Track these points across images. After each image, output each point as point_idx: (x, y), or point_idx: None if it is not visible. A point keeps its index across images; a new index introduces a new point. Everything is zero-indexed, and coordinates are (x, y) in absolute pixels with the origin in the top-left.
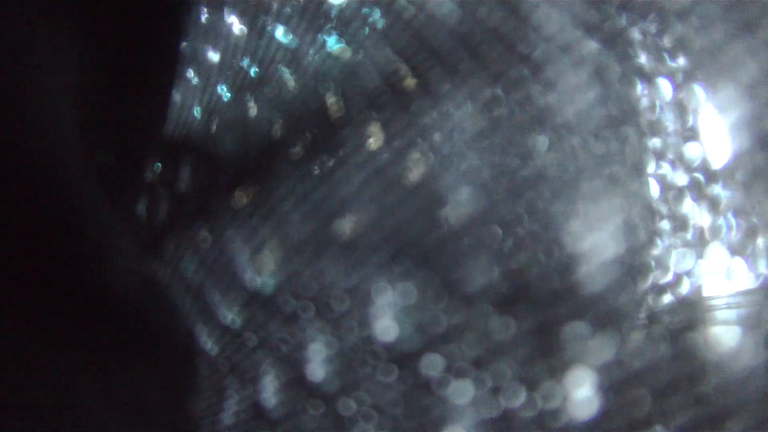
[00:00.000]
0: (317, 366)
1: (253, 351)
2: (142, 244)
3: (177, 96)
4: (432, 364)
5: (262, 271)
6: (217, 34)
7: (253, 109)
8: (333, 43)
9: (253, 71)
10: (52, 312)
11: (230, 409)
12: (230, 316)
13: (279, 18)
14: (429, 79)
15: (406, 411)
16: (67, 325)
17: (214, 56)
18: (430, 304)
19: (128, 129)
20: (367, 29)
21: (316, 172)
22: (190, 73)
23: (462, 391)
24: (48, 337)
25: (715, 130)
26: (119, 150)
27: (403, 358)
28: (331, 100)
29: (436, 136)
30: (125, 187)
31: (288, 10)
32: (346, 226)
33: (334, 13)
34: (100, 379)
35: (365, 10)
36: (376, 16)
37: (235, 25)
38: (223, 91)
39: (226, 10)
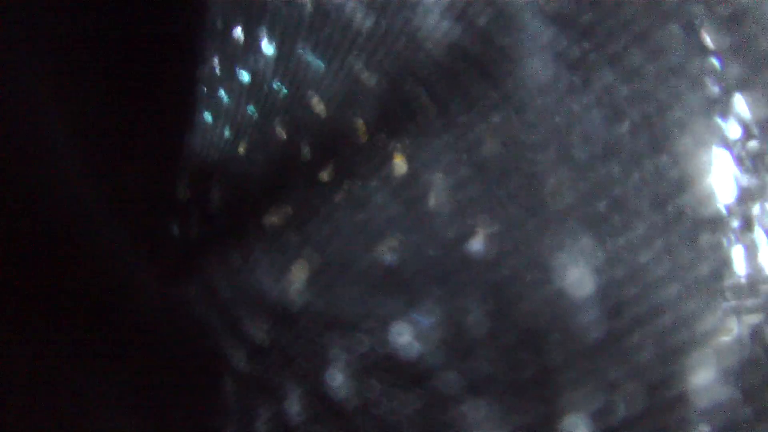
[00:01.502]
0: (340, 383)
1: (281, 368)
2: (172, 264)
3: (207, 116)
4: (450, 382)
5: (290, 291)
6: (248, 54)
7: (281, 131)
8: (358, 67)
9: (282, 94)
10: (82, 335)
11: (258, 427)
12: (260, 334)
13: (309, 41)
14: (447, 102)
15: (424, 427)
16: (97, 349)
17: (245, 77)
18: (452, 327)
19: (158, 150)
20: (389, 55)
21: (343, 194)
22: (221, 93)
23: (479, 409)
24: (77, 359)
25: None
26: (149, 172)
27: (423, 375)
28: (357, 123)
29: (454, 158)
30: (155, 208)
31: (317, 34)
32: (373, 248)
33: (360, 39)
34: (128, 400)
35: (389, 37)
36: (400, 43)
37: (266, 46)
38: (253, 112)
39: (258, 31)
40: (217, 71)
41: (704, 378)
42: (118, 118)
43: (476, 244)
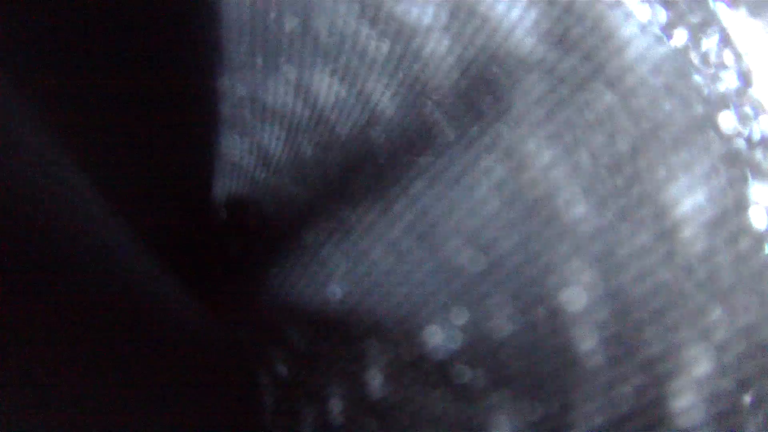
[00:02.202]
0: (379, 383)
1: (323, 373)
2: (214, 282)
3: (237, 138)
4: (476, 379)
5: (330, 302)
6: (269, 80)
7: (307, 151)
8: (378, 92)
9: (306, 115)
10: (121, 356)
11: (303, 428)
12: (302, 342)
13: (326, 67)
14: (462, 125)
15: (453, 421)
16: (134, 369)
17: (268, 98)
18: (476, 330)
19: (192, 175)
20: (406, 78)
21: (371, 210)
22: (247, 115)
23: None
24: (116, 378)
25: None
26: (187, 197)
27: (451, 374)
28: (378, 142)
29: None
30: (195, 231)
31: (338, 59)
32: (403, 260)
33: (379, 62)
34: (169, 410)
35: (406, 61)
36: (416, 66)
37: (290, 70)
38: (278, 132)
39: (277, 59)
40: (244, 95)
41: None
42: (151, 147)
43: (497, 255)
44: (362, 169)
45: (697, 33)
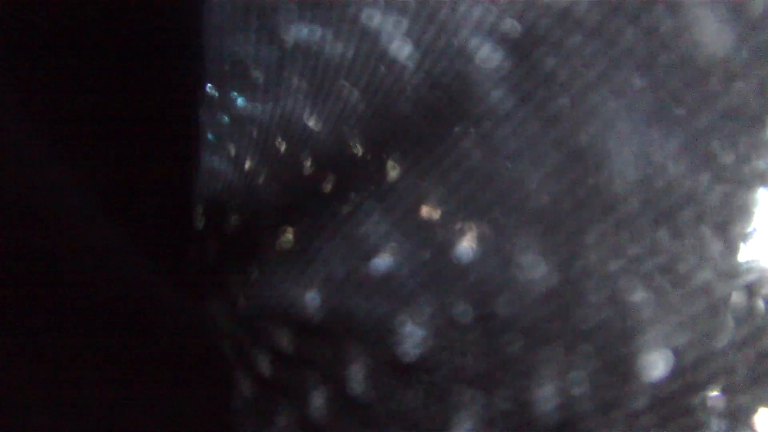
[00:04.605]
0: (358, 381)
1: (305, 373)
2: (192, 281)
3: (213, 139)
4: (445, 376)
5: (310, 303)
6: (242, 78)
7: (283, 149)
8: (347, 90)
9: (278, 112)
10: (108, 345)
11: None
12: (284, 343)
13: (294, 71)
14: (441, 118)
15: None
16: (120, 357)
17: (240, 100)
18: (444, 326)
19: (172, 175)
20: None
21: (347, 208)
22: (222, 117)
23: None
24: (103, 367)
25: None
26: (165, 196)
27: (422, 371)
28: (353, 139)
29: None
30: (174, 231)
31: (308, 59)
32: (373, 256)
33: (342, 67)
34: (148, 403)
35: (378, 59)
36: (379, 71)
37: (258, 70)
38: (252, 134)
39: (250, 57)
40: (218, 97)
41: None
42: (133, 146)
43: (464, 246)
44: (336, 168)
45: None
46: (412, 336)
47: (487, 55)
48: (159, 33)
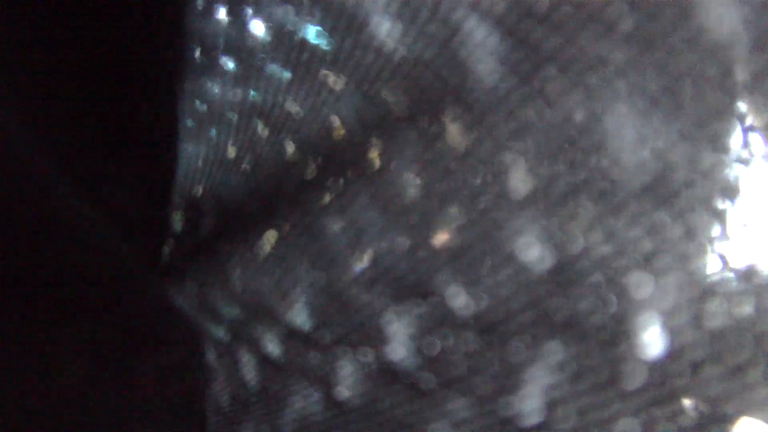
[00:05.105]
0: (349, 385)
1: (290, 376)
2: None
3: (192, 124)
4: (426, 380)
5: (289, 307)
6: (214, 71)
7: (264, 132)
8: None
9: (258, 99)
10: (85, 323)
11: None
12: (269, 346)
13: (276, 59)
14: (415, 106)
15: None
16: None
17: (215, 88)
18: (436, 329)
19: (153, 166)
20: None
21: (327, 198)
22: (198, 104)
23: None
24: (78, 344)
25: None
26: (137, 189)
27: (404, 375)
28: (334, 125)
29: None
30: (154, 222)
31: (285, 48)
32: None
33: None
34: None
35: (357, 51)
36: (366, 57)
37: (229, 64)
38: (233, 117)
39: (221, 51)
40: (197, 85)
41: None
42: (113, 136)
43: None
44: (317, 148)
45: None
46: (399, 336)
47: (483, 39)
48: (136, 23)
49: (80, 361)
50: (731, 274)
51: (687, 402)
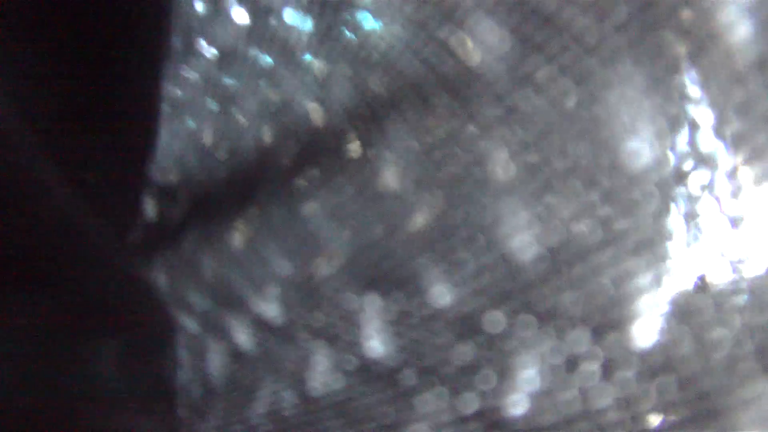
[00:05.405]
0: (323, 382)
1: (261, 370)
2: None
3: (167, 110)
4: (407, 377)
5: (261, 299)
6: (193, 57)
7: (241, 119)
8: (309, 59)
9: (234, 84)
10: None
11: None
12: (240, 338)
13: (255, 41)
14: (399, 102)
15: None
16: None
17: (193, 75)
18: (413, 320)
19: (119, 149)
20: (339, 49)
21: (303, 185)
22: (176, 91)
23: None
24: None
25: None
26: (112, 175)
27: (386, 371)
28: (313, 112)
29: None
30: (122, 211)
31: (264, 32)
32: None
33: (307, 37)
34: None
35: (337, 31)
36: (349, 37)
37: (209, 48)
38: (210, 103)
39: (200, 35)
40: (173, 68)
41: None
42: (87, 112)
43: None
44: (295, 135)
45: None
46: (377, 329)
47: (473, 26)
48: (115, 5)
49: (37, 337)
50: (725, 268)
51: (677, 395)
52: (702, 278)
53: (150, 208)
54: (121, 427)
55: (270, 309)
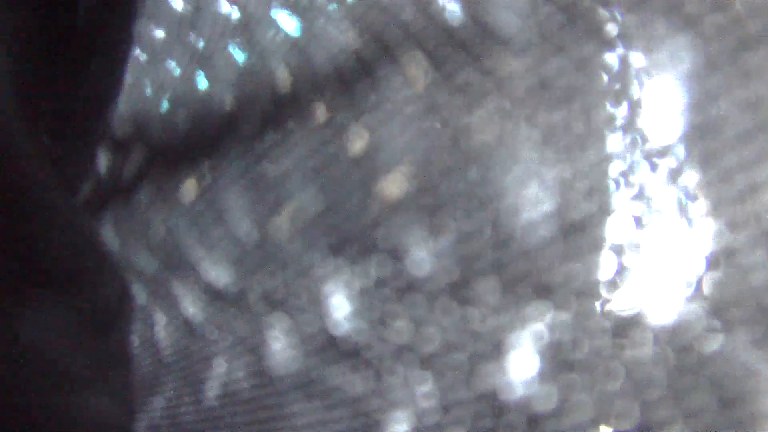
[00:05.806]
0: (283, 356)
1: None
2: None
3: (128, 75)
4: (375, 355)
5: (215, 263)
6: (161, 10)
7: (203, 84)
8: (283, 20)
9: (201, 45)
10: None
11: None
12: (190, 308)
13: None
14: (372, 63)
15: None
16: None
17: (159, 33)
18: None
19: (76, 109)
20: (316, 10)
21: (263, 149)
22: (138, 52)
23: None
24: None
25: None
26: (67, 130)
27: (353, 347)
28: (281, 76)
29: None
30: (74, 165)
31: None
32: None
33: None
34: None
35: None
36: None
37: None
38: (173, 67)
39: None
40: (136, 29)
41: None
42: (31, 78)
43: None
44: (259, 100)
45: None
46: (342, 307)
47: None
48: None
49: None
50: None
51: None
52: None
53: (103, 162)
54: (72, 403)
55: (223, 275)
